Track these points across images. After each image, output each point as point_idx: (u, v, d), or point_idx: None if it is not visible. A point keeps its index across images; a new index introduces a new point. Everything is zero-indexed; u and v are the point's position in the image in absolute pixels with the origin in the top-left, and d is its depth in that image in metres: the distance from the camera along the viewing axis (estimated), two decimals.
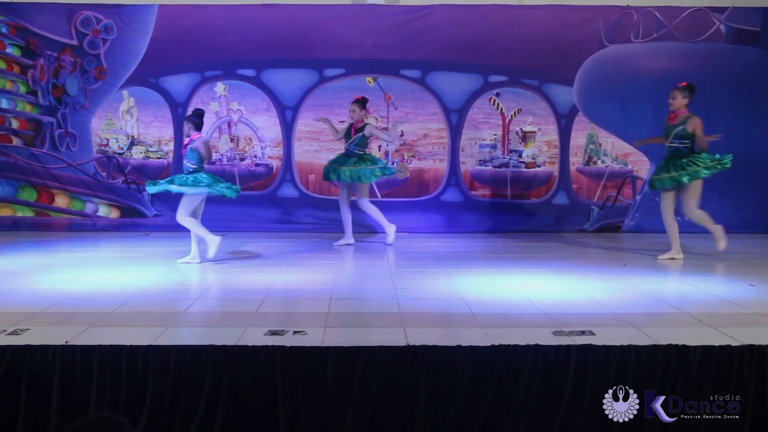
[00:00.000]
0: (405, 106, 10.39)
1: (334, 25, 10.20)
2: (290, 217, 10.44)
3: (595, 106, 10.46)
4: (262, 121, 10.44)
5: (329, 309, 5.46)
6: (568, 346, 4.30)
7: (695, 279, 6.69)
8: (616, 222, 10.49)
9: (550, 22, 10.17)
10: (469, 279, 6.78)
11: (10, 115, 10.17)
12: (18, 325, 4.82)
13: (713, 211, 10.13)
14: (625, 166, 10.51)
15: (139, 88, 10.31)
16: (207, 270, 7.25)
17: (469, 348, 4.29)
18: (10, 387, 4.22)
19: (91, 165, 10.35)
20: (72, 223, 10.32)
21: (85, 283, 6.50)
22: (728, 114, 9.95)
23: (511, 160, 10.45)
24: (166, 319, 5.34)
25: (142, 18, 10.13)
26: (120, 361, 4.22)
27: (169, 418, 4.21)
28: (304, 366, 4.22)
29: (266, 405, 4.21)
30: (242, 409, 4.21)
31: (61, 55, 10.17)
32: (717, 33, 10.21)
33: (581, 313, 5.31)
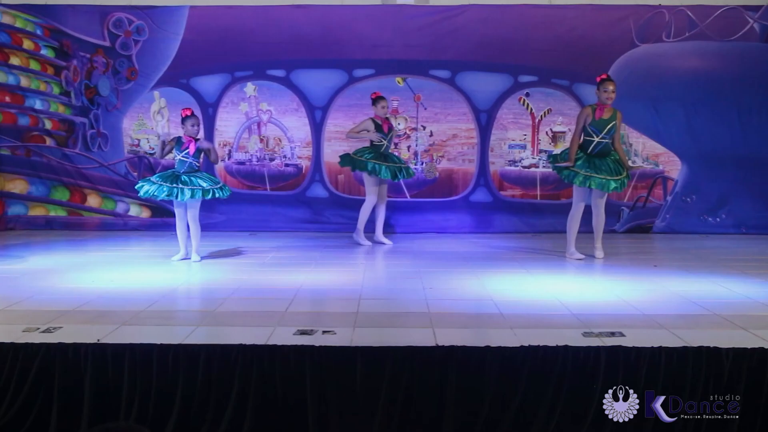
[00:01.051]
0: (434, 107, 10.38)
1: (364, 26, 10.21)
2: (319, 217, 10.47)
3: (625, 107, 10.31)
4: (291, 121, 10.48)
5: (358, 309, 5.46)
6: (597, 348, 4.27)
7: (727, 281, 6.62)
8: (646, 223, 10.41)
9: (581, 22, 10.11)
10: (498, 279, 6.76)
11: (43, 116, 10.30)
12: (51, 323, 4.89)
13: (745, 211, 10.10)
14: (656, 167, 10.41)
15: (170, 88, 10.40)
16: (237, 269, 7.29)
17: (498, 349, 4.27)
18: (42, 384, 4.27)
19: (123, 165, 10.45)
20: (104, 223, 10.44)
21: (117, 281, 6.56)
22: (761, 114, 9.83)
23: (541, 161, 10.40)
24: (196, 318, 5.38)
25: (174, 19, 10.22)
26: (150, 359, 4.26)
27: (198, 417, 4.23)
28: (332, 366, 4.23)
29: (295, 405, 4.22)
30: (271, 409, 4.23)
31: (93, 56, 10.28)
32: (751, 32, 10.08)
33: (611, 314, 5.28)
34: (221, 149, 10.45)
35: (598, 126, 7.66)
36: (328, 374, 4.22)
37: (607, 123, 7.64)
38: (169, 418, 4.23)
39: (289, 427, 4.21)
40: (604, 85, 7.66)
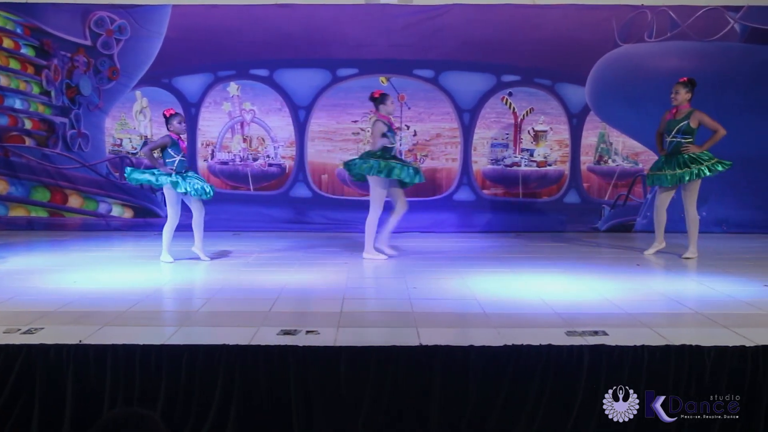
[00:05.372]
0: (418, 106, 10.39)
1: (348, 25, 10.21)
2: (303, 217, 10.45)
3: (607, 106, 10.43)
4: (275, 121, 10.46)
5: (342, 309, 5.46)
6: (581, 347, 4.28)
7: (709, 279, 6.66)
8: (628, 221, 10.47)
9: (564, 22, 10.15)
10: (481, 278, 6.77)
11: (23, 115, 10.23)
12: (32, 324, 4.85)
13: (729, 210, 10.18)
14: (636, 165, 10.47)
15: (153, 88, 10.35)
16: (220, 269, 7.27)
17: (482, 348, 4.28)
18: (24, 386, 4.23)
19: (104, 165, 10.40)
20: (85, 223, 10.38)
21: (99, 282, 6.53)
22: (743, 113, 9.91)
23: (523, 159, 10.43)
24: (179, 319, 5.37)
25: (156, 18, 10.17)
26: (133, 360, 4.23)
27: (182, 417, 4.21)
28: (316, 366, 4.22)
29: (279, 405, 4.21)
30: (255, 409, 4.22)
31: (74, 55, 10.22)
32: (731, 32, 10.16)
33: (594, 313, 5.30)
34: (204, 149, 10.42)
35: (667, 127, 7.88)
36: (312, 374, 4.21)
37: (675, 124, 7.80)
38: None
39: (273, 427, 4.20)
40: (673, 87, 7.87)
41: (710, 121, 7.66)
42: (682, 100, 7.76)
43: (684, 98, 7.76)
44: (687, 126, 7.68)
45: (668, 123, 7.85)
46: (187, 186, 7.26)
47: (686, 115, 7.72)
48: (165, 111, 7.55)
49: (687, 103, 7.78)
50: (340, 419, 4.21)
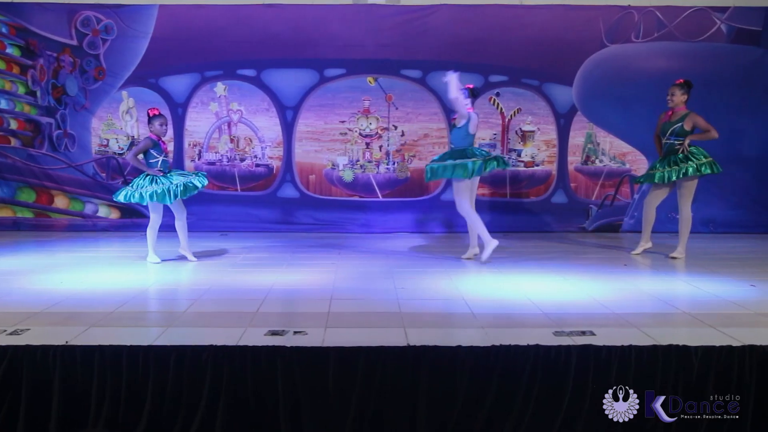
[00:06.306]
0: (406, 106, 10.39)
1: (335, 25, 10.19)
2: (290, 217, 10.44)
3: (594, 106, 10.46)
4: (262, 121, 10.44)
5: (330, 309, 5.45)
6: (568, 347, 4.29)
7: (696, 279, 6.69)
8: (615, 221, 10.50)
9: (551, 22, 10.18)
10: (469, 279, 6.78)
11: (8, 115, 10.17)
12: (18, 325, 4.82)
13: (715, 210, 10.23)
14: (623, 165, 10.51)
15: (139, 88, 10.31)
16: (207, 270, 7.24)
17: (470, 348, 4.28)
18: (10, 387, 4.22)
19: (91, 166, 10.35)
20: (72, 224, 10.33)
21: (86, 283, 6.50)
22: (729, 114, 9.98)
23: (510, 159, 10.44)
24: (166, 320, 5.35)
25: (143, 18, 10.13)
26: (120, 361, 4.22)
27: (169, 418, 4.20)
28: (304, 366, 4.22)
29: (267, 405, 4.20)
30: (243, 410, 4.21)
31: (60, 55, 10.17)
32: (718, 33, 10.21)
33: (582, 313, 5.31)
34: (191, 149, 10.38)
35: (663, 129, 7.87)
36: (300, 375, 4.21)
37: (669, 126, 7.80)
38: (139, 420, 4.20)
39: (261, 428, 4.20)
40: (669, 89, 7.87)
41: (705, 124, 7.64)
42: (678, 102, 7.76)
43: (680, 100, 7.75)
44: (681, 128, 7.68)
45: (663, 125, 7.85)
46: (173, 194, 7.23)
47: (681, 117, 7.72)
48: (149, 110, 7.52)
49: (683, 105, 7.78)
50: (328, 419, 4.20)
